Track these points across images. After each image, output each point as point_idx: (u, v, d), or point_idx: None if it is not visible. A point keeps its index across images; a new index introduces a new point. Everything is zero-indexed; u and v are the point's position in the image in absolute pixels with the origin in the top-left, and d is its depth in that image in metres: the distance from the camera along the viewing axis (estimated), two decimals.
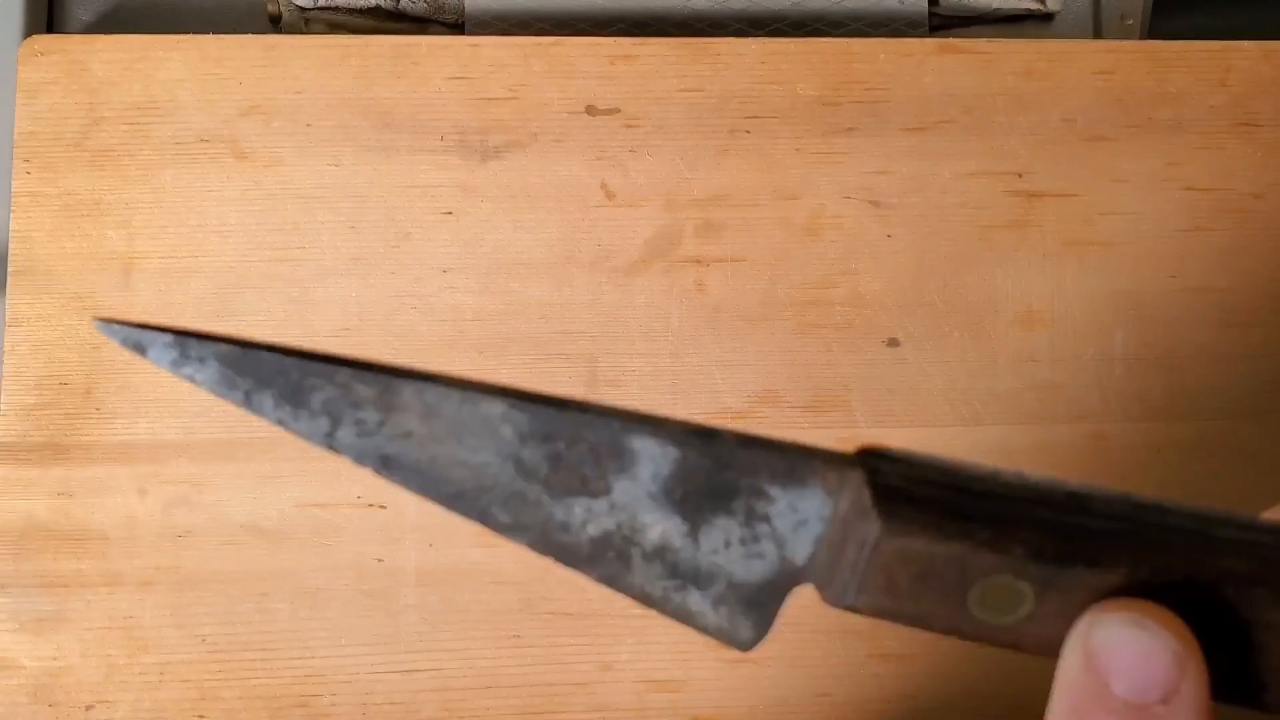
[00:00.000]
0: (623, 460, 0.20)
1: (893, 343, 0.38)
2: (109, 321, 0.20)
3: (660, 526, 0.20)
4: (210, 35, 0.39)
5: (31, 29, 0.41)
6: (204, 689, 0.36)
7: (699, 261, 0.38)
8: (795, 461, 0.20)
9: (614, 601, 0.37)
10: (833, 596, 0.20)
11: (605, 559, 0.20)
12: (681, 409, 0.37)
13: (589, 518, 0.20)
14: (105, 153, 0.38)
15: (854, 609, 0.19)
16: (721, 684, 0.36)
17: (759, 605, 0.20)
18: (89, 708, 0.36)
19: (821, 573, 0.20)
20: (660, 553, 0.20)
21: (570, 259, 0.38)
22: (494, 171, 0.38)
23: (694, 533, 0.20)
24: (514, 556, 0.37)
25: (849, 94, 0.39)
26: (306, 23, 0.42)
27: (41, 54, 0.38)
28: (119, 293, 0.37)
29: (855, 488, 0.19)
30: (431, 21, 0.42)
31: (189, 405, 0.37)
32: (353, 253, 0.38)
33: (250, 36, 0.39)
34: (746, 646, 0.21)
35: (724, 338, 0.38)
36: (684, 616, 0.21)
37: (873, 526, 0.18)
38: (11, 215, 0.37)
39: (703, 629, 0.21)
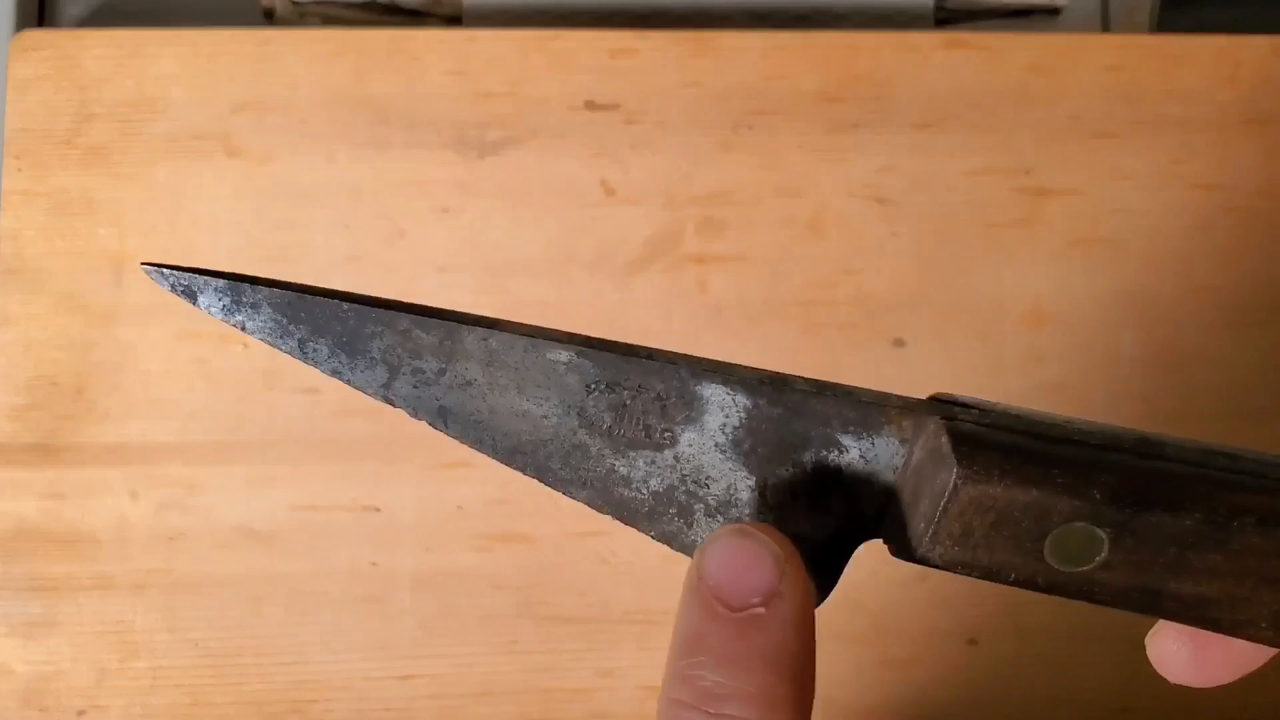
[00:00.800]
0: (692, 409, 0.19)
1: (898, 343, 0.38)
2: (159, 266, 0.19)
3: (726, 480, 0.20)
4: (203, 30, 0.38)
5: (23, 24, 0.40)
6: (196, 694, 0.36)
7: (700, 260, 0.38)
8: (868, 409, 0.19)
9: (613, 607, 0.36)
10: (902, 550, 0.19)
11: (667, 515, 0.20)
12: None
13: (652, 471, 0.20)
14: (97, 149, 0.37)
15: (925, 561, 0.19)
16: None
17: (824, 561, 0.20)
18: (80, 713, 0.35)
19: (891, 525, 0.19)
20: (724, 508, 0.20)
21: (569, 257, 0.38)
22: (492, 168, 0.38)
23: (761, 487, 0.20)
24: (511, 561, 0.36)
25: (853, 89, 0.39)
26: (301, 16, 0.42)
27: (32, 49, 0.38)
28: (110, 292, 0.37)
29: (931, 434, 0.19)
30: (428, 15, 0.42)
31: (182, 406, 0.36)
32: (347, 250, 0.37)
33: (244, 31, 0.38)
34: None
35: (726, 337, 0.38)
36: None
37: (950, 473, 0.18)
38: (2, 213, 0.37)
39: None
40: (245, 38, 0.38)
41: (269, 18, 0.42)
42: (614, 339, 0.20)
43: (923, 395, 0.20)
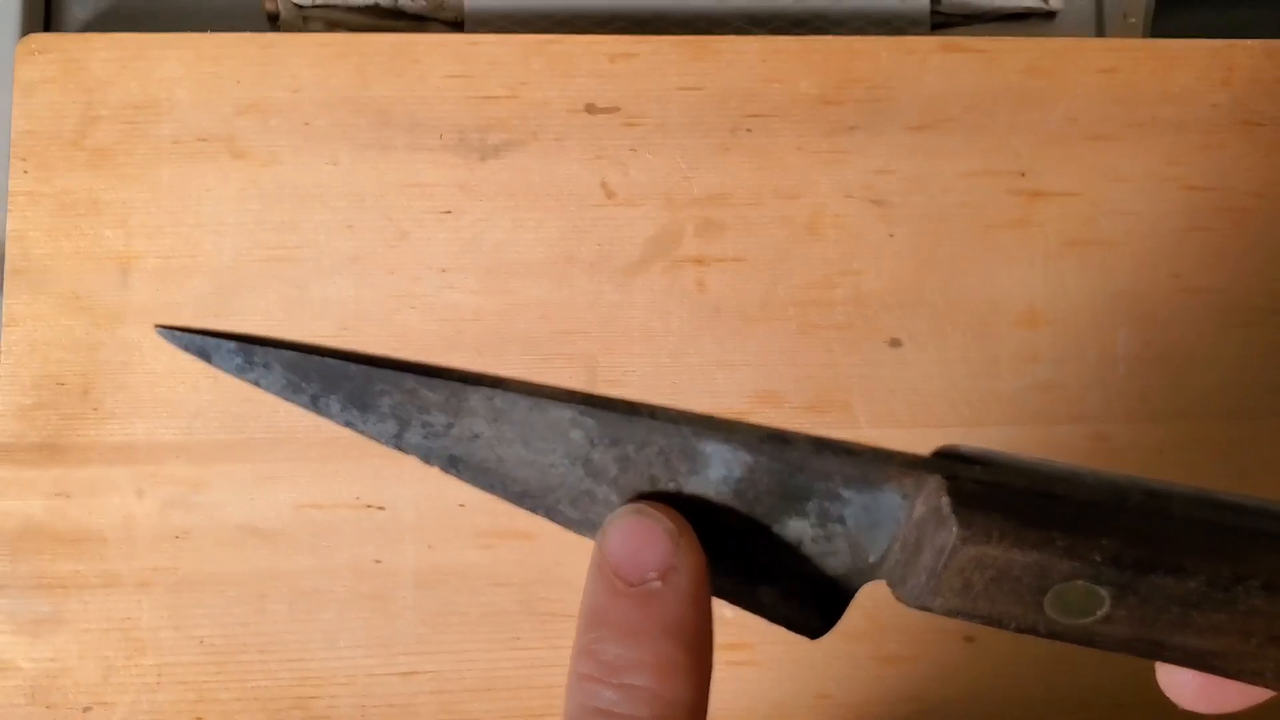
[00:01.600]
0: (695, 463, 0.20)
1: (894, 343, 0.38)
2: (173, 329, 0.20)
3: (731, 527, 0.20)
4: (208, 33, 0.38)
5: (29, 27, 0.40)
6: (202, 691, 0.36)
7: (699, 261, 0.38)
8: (870, 466, 0.19)
9: None
10: (906, 596, 0.19)
11: None
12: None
13: None
14: (102, 151, 0.38)
15: (925, 608, 0.19)
16: (723, 685, 0.36)
17: (830, 598, 0.20)
18: (86, 709, 0.36)
19: (895, 571, 0.20)
20: (732, 551, 0.20)
21: (570, 258, 0.38)
22: (493, 170, 0.38)
23: (766, 533, 0.20)
24: (513, 558, 0.37)
25: (850, 92, 0.39)
26: (305, 21, 0.42)
27: (39, 52, 0.38)
28: (116, 292, 0.37)
29: (932, 494, 0.19)
30: (430, 19, 0.42)
31: (186, 406, 0.37)
32: (350, 252, 0.38)
33: (248, 35, 0.38)
34: (816, 635, 0.21)
35: (724, 338, 0.38)
36: (754, 608, 0.21)
37: (950, 533, 0.18)
38: (8, 214, 0.37)
39: (772, 619, 0.21)
40: (249, 41, 0.38)
41: (272, 22, 0.42)
42: (615, 398, 0.20)
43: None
